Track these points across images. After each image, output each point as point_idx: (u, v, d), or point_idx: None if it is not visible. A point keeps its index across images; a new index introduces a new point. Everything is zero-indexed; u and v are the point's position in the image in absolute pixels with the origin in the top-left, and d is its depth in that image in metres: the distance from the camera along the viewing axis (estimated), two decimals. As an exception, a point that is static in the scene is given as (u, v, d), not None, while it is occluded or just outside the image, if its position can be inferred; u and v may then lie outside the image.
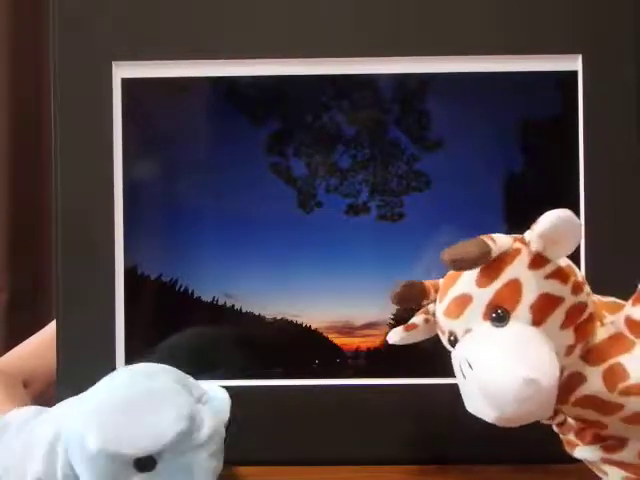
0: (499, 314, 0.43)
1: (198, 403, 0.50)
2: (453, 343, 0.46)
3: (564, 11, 0.59)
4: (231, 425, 0.51)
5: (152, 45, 0.60)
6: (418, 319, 0.51)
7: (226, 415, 0.51)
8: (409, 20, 0.59)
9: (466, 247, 0.42)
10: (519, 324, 0.43)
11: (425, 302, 0.49)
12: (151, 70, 0.60)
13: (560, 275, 0.44)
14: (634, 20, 0.58)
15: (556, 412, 0.46)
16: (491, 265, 0.43)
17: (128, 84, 0.60)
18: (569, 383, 0.44)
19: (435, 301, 0.48)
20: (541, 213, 0.60)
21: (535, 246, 0.43)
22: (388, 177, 0.60)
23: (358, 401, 0.59)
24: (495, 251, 0.43)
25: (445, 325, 0.46)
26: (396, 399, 0.58)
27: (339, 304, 0.60)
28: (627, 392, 0.43)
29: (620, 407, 0.43)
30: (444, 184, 0.60)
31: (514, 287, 0.43)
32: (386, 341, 0.52)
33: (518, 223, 0.59)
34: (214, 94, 0.61)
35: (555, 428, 0.48)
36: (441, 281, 0.48)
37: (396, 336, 0.51)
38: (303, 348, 0.60)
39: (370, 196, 0.60)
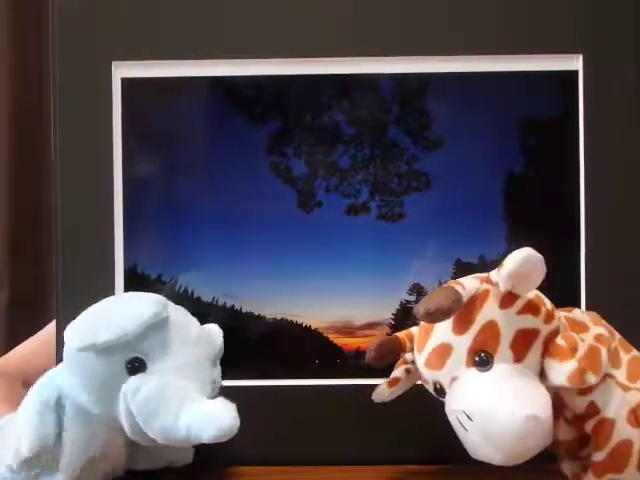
0: (482, 358, 0.43)
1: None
2: (439, 392, 0.46)
3: (564, 11, 0.59)
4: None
5: (152, 45, 0.60)
6: (399, 372, 0.52)
7: (219, 343, 0.54)
8: (409, 20, 0.59)
9: (437, 298, 0.43)
10: (503, 364, 0.43)
11: (402, 354, 0.50)
12: (151, 70, 0.60)
13: (531, 308, 0.44)
14: (635, 20, 0.58)
15: None
16: (464, 311, 0.44)
17: (128, 84, 0.60)
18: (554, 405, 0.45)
19: (412, 350, 0.49)
20: (541, 213, 0.60)
21: (504, 286, 0.44)
22: (388, 177, 0.60)
23: (358, 401, 0.59)
24: (465, 296, 0.43)
25: (429, 376, 0.47)
26: (396, 399, 0.58)
27: (339, 304, 0.60)
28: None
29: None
30: (444, 184, 0.60)
31: (491, 329, 0.44)
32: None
33: (518, 223, 0.60)
34: (214, 94, 0.61)
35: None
36: (414, 330, 0.49)
37: (381, 395, 0.53)
38: (303, 348, 0.60)
39: (370, 196, 0.60)
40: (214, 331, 0.54)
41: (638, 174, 0.58)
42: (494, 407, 0.41)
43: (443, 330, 0.45)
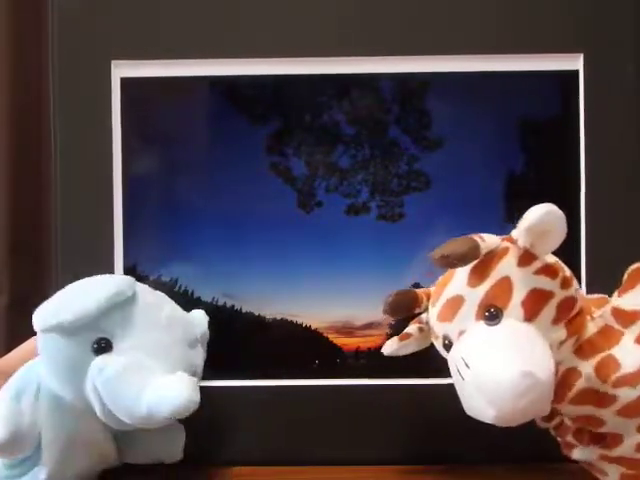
0: (492, 312, 0.43)
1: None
2: (448, 347, 0.46)
3: (565, 10, 0.59)
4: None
5: (151, 45, 0.60)
6: (412, 328, 0.52)
7: (204, 328, 0.53)
8: (410, 20, 0.59)
9: (455, 244, 0.43)
10: (512, 321, 0.43)
11: (417, 310, 0.50)
12: (150, 69, 0.60)
13: (548, 271, 0.44)
14: (635, 20, 0.58)
15: (553, 414, 0.46)
16: (481, 265, 0.44)
17: (127, 83, 0.60)
18: (565, 379, 0.44)
19: (427, 310, 0.49)
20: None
21: (523, 241, 0.43)
22: (388, 177, 0.60)
23: (358, 401, 0.59)
24: (483, 248, 0.43)
25: (439, 330, 0.46)
26: (396, 399, 0.58)
27: (339, 304, 0.60)
28: (619, 383, 0.43)
29: (614, 399, 0.43)
30: (444, 184, 0.60)
31: (505, 285, 0.43)
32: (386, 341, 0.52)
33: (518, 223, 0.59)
34: (214, 93, 0.61)
35: (552, 431, 0.48)
36: (432, 288, 0.49)
37: (391, 347, 0.52)
38: (303, 348, 0.60)
39: (370, 196, 0.60)
40: (197, 316, 0.54)
41: (638, 174, 0.58)
42: (492, 357, 0.41)
43: (458, 283, 0.45)
